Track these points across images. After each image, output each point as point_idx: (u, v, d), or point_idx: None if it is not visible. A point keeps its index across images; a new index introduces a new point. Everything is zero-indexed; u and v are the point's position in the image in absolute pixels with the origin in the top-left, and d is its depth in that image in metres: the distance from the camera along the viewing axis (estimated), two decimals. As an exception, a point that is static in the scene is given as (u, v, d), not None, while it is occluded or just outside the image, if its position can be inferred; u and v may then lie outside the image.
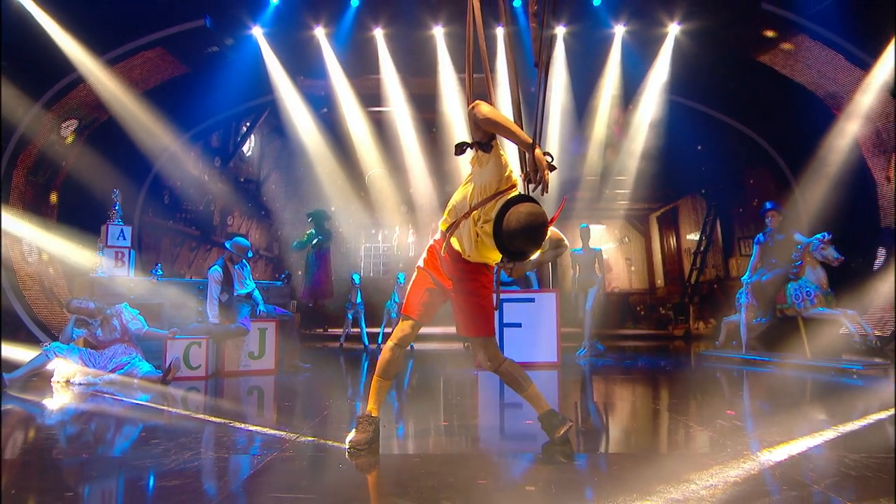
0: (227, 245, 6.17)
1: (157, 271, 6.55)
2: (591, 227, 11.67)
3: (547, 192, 2.74)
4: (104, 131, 9.94)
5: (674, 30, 10.16)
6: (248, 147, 12.08)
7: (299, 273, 11.46)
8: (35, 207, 9.36)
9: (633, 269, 11.96)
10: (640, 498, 2.18)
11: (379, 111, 11.61)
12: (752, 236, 11.27)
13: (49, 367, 5.20)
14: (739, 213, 11.69)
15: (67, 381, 5.22)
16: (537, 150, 2.68)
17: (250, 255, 6.26)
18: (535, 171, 2.71)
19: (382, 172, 11.57)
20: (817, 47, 9.11)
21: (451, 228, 2.92)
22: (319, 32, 10.30)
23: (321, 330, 10.84)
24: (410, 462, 2.84)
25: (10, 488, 2.55)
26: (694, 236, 11.89)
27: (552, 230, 2.98)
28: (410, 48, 10.73)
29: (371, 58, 10.77)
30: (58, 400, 4.82)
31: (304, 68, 11.26)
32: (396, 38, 10.56)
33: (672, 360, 8.27)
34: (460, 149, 2.78)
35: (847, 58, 8.95)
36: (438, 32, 10.40)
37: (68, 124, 9.40)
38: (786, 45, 9.47)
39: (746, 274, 7.79)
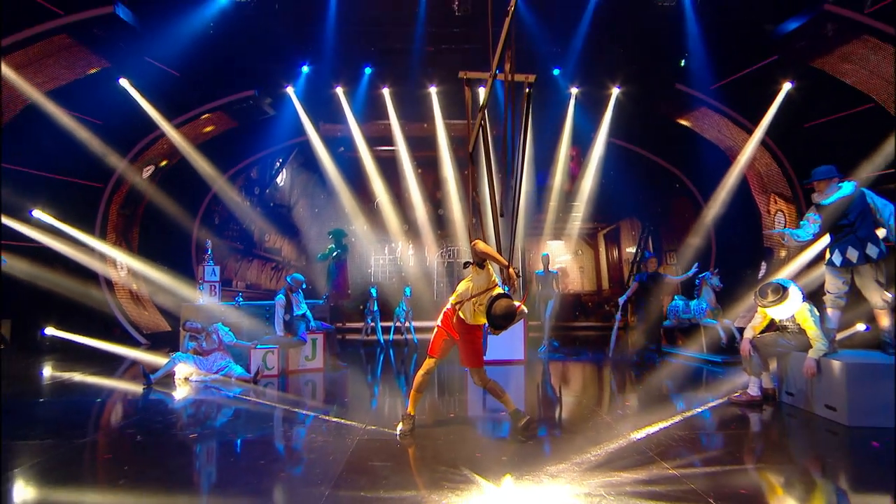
0: (289, 279, 7.59)
1: (238, 299, 7.95)
2: (552, 242, 13.26)
3: (516, 291, 4.30)
4: (173, 172, 11.23)
5: (615, 92, 11.38)
6: (281, 179, 13.11)
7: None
8: (124, 233, 10.72)
9: (584, 274, 13.48)
10: (559, 462, 3.73)
11: (385, 150, 12.74)
12: (676, 249, 12.97)
13: (175, 369, 6.67)
14: (666, 232, 13.24)
15: (186, 379, 6.64)
16: (510, 269, 4.23)
17: (304, 286, 7.69)
18: (508, 279, 4.27)
19: (387, 199, 12.81)
20: (716, 115, 10.66)
21: (459, 305, 4.45)
22: (339, 91, 11.43)
23: (340, 324, 12.16)
24: (436, 443, 4.26)
25: (156, 455, 4.03)
26: (631, 249, 13.32)
27: (519, 306, 4.53)
28: (410, 102, 11.90)
29: (379, 108, 11.91)
30: (181, 392, 6.29)
31: (326, 116, 12.42)
32: (400, 95, 11.73)
33: (609, 351, 9.79)
34: (465, 266, 4.33)
35: (735, 122, 10.54)
36: (433, 91, 11.59)
37: (148, 168, 10.68)
38: (695, 113, 11.08)
39: (623, 297, 9.02)
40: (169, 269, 10.62)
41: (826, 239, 5.38)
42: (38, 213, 8.96)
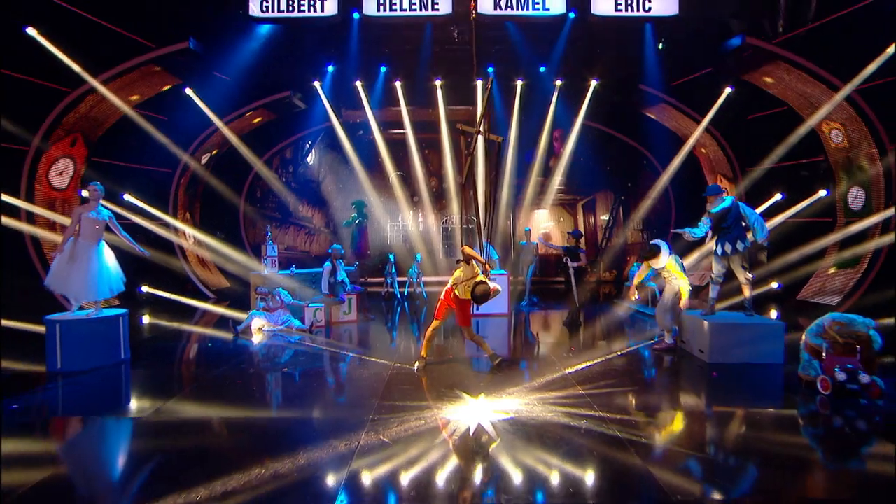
0: (329, 250, 9.62)
1: (293, 269, 9.97)
2: (538, 211, 15.10)
3: (490, 278, 6.31)
4: (224, 157, 13.08)
5: (593, 83, 12.93)
6: (311, 158, 14.78)
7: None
8: (189, 209, 12.70)
9: (565, 238, 15.34)
10: (515, 386, 5.80)
11: (397, 133, 14.38)
12: (643, 217, 14.80)
13: (252, 322, 8.80)
14: (634, 202, 14.97)
15: (260, 329, 8.79)
16: (486, 266, 6.24)
17: (343, 256, 9.70)
18: (485, 272, 6.28)
19: (399, 175, 14.61)
20: (673, 110, 12.30)
21: (455, 286, 6.49)
22: (358, 84, 13.05)
23: (362, 279, 14.18)
24: (440, 375, 6.31)
25: (266, 381, 6.20)
26: (605, 217, 15.20)
27: (494, 287, 6.54)
28: (418, 92, 13.41)
29: (392, 98, 13.42)
30: (257, 338, 8.44)
31: (348, 104, 14.08)
32: (409, 87, 13.21)
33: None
34: (458, 262, 6.33)
35: (689, 116, 12.21)
36: (437, 84, 13.19)
37: (205, 156, 12.52)
38: (657, 108, 12.70)
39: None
40: (223, 236, 12.66)
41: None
42: (128, 197, 10.88)
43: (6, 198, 8.28)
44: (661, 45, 11.61)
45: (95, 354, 6.27)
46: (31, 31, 7.69)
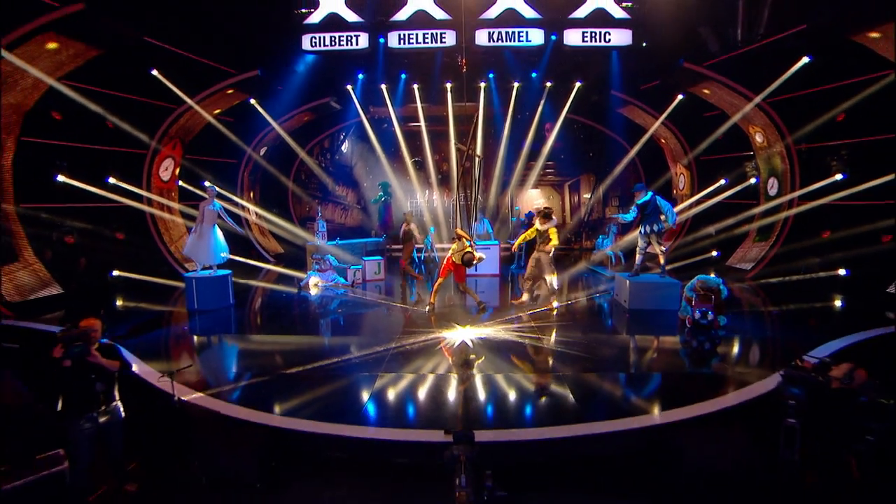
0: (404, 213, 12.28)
1: (337, 240, 12.74)
2: (532, 190, 17.49)
3: (475, 249, 8.97)
4: (276, 149, 15.74)
5: (577, 84, 15.14)
6: (345, 147, 17.31)
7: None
8: (251, 190, 15.48)
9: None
10: (490, 321, 8.51)
11: (413, 125, 16.55)
12: (619, 196, 17.13)
13: (309, 280, 11.60)
14: (612, 184, 17.13)
15: (315, 285, 11.58)
16: (471, 240, 8.89)
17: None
18: (471, 244, 8.93)
19: (416, 161, 17.06)
20: (641, 110, 14.53)
21: (453, 255, 9.16)
22: (383, 87, 15.39)
23: (387, 246, 16.79)
24: (445, 314, 8.95)
25: (330, 318, 9.01)
26: (587, 195, 17.61)
27: (479, 256, 9.19)
28: (432, 92, 15.78)
29: (410, 96, 15.67)
30: (314, 291, 11.26)
31: (374, 103, 16.46)
32: (425, 88, 15.56)
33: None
34: (452, 239, 9.00)
35: (651, 115, 14.43)
36: (447, 86, 15.51)
37: (263, 149, 15.19)
38: (626, 108, 14.91)
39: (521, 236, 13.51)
40: (277, 211, 15.47)
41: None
42: (207, 183, 13.63)
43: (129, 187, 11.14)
44: (643, 44, 13.72)
45: (215, 299, 9.14)
46: (154, 72, 10.36)
